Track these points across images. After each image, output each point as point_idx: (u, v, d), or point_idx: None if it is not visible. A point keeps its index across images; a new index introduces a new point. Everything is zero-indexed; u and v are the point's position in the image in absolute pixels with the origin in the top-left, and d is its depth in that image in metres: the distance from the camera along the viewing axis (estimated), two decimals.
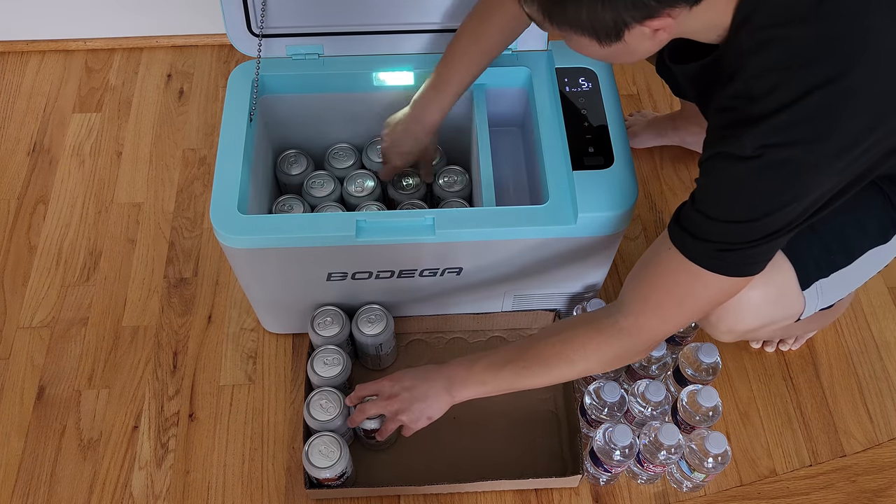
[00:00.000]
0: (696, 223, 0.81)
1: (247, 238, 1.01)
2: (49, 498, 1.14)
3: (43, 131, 1.54)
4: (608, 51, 0.76)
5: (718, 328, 0.99)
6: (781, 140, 0.74)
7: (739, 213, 0.79)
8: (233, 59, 1.64)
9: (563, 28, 0.75)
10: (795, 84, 0.73)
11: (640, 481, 1.15)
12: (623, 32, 0.72)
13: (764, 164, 0.75)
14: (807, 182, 0.76)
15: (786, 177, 0.75)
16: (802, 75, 0.73)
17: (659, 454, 1.05)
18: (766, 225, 0.79)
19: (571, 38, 0.76)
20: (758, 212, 0.78)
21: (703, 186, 0.81)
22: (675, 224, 0.84)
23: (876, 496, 1.15)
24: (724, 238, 0.80)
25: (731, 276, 0.82)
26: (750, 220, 0.78)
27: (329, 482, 1.06)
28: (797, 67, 0.73)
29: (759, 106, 0.74)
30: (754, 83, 0.75)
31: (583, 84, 1.15)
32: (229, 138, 1.09)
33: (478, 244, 1.05)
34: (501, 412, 1.20)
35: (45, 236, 1.39)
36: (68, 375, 1.24)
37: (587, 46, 0.77)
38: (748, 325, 0.98)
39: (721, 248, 0.81)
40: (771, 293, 0.95)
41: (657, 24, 0.72)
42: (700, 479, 1.10)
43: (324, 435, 1.05)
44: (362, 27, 1.16)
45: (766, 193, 0.77)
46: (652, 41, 0.76)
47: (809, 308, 0.99)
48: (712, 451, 1.04)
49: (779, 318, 1.00)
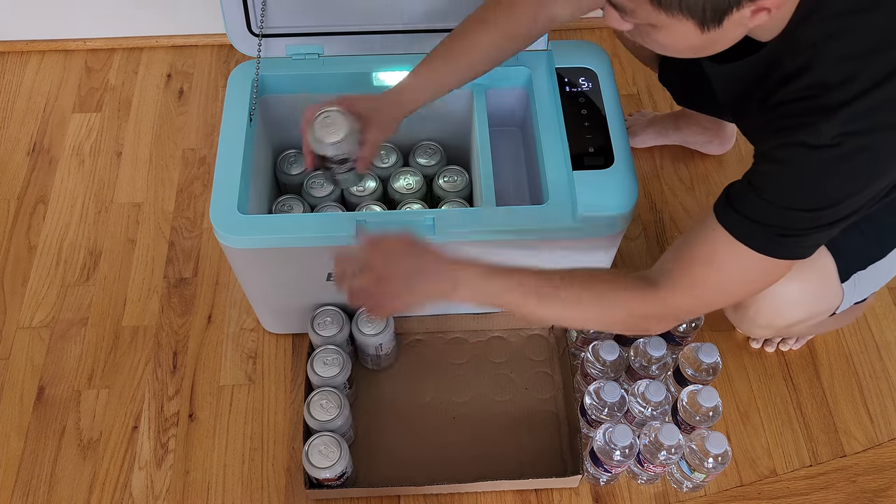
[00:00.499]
0: (755, 208, 0.78)
1: (247, 238, 1.01)
2: (49, 498, 1.14)
3: (43, 131, 1.54)
4: (704, 39, 0.73)
5: (757, 322, 0.98)
6: (860, 127, 0.72)
7: (811, 201, 0.77)
8: (233, 59, 1.64)
9: (670, 11, 0.70)
10: (872, 70, 0.72)
11: (640, 481, 1.15)
12: (728, 15, 0.70)
13: (842, 154, 0.73)
14: (882, 168, 0.75)
15: (862, 165, 0.74)
16: (879, 61, 0.72)
17: (659, 454, 1.05)
18: (834, 213, 0.77)
19: (669, 25, 0.72)
20: (828, 201, 0.76)
21: (769, 172, 0.78)
22: (727, 206, 0.81)
23: (876, 496, 1.15)
24: (784, 224, 0.78)
25: (782, 258, 0.80)
26: (819, 209, 0.77)
27: (329, 482, 1.06)
28: (872, 54, 0.72)
29: (837, 94, 0.73)
30: (829, 72, 0.74)
31: (583, 84, 1.15)
32: (229, 138, 1.09)
33: (478, 244, 1.05)
34: (501, 412, 1.20)
35: (45, 236, 1.39)
36: (68, 375, 1.24)
37: (683, 34, 0.73)
38: (788, 320, 0.97)
39: (780, 234, 0.79)
40: (811, 286, 0.94)
41: (769, 3, 0.69)
42: (700, 479, 1.10)
43: (324, 435, 1.05)
44: (362, 27, 1.16)
45: (840, 182, 0.75)
46: (742, 29, 0.74)
47: (847, 301, 0.98)
48: (712, 451, 1.04)
49: (818, 312, 0.99)
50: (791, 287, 0.93)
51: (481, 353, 1.26)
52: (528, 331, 1.27)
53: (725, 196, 0.82)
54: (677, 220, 1.43)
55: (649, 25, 0.74)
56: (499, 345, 1.27)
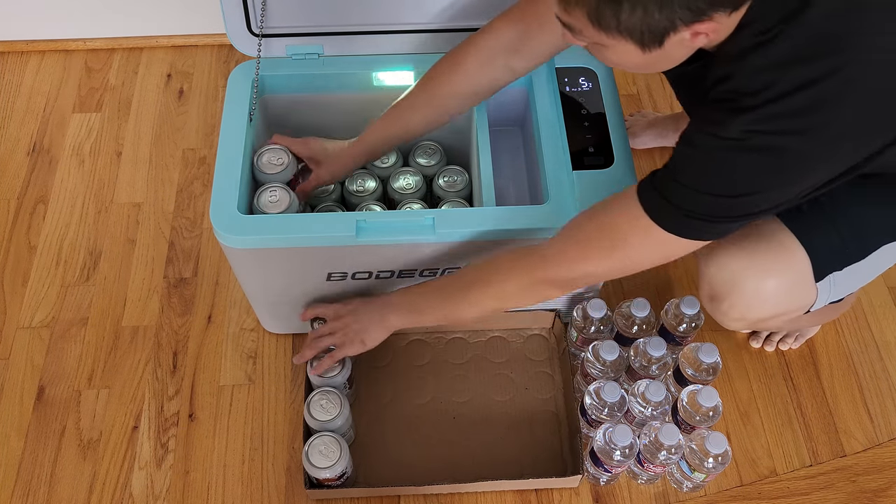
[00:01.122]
0: (667, 186, 0.83)
1: (247, 238, 1.01)
2: (49, 498, 1.14)
3: (43, 131, 1.54)
4: (647, 58, 0.78)
5: (730, 315, 1.00)
6: (765, 128, 0.77)
7: (717, 187, 0.81)
8: (233, 59, 1.64)
9: (610, 33, 0.75)
10: (789, 79, 0.75)
11: (640, 481, 1.15)
12: (667, 38, 0.74)
13: (745, 146, 0.78)
14: (790, 171, 0.79)
15: (763, 162, 0.78)
16: (796, 72, 0.75)
17: (659, 454, 1.05)
18: (739, 205, 0.82)
19: (613, 45, 0.77)
20: (732, 191, 0.80)
21: (683, 154, 0.84)
22: (649, 182, 0.86)
23: (876, 496, 1.15)
24: (693, 206, 0.82)
25: (685, 238, 0.85)
26: (723, 197, 0.81)
27: (329, 482, 1.06)
28: (790, 65, 0.75)
29: (749, 100, 0.77)
30: (750, 80, 0.78)
31: (583, 84, 1.15)
32: (229, 138, 1.09)
33: (478, 244, 1.05)
34: (501, 412, 1.20)
35: (45, 236, 1.39)
36: (68, 375, 1.24)
37: (627, 54, 0.78)
38: (760, 315, 0.99)
39: (687, 214, 0.83)
40: (785, 283, 0.96)
41: (703, 28, 0.74)
42: (700, 479, 1.10)
43: (324, 435, 1.05)
44: (362, 27, 1.16)
45: (743, 175, 0.80)
46: (686, 49, 0.79)
47: (821, 300, 1.00)
48: (713, 451, 1.04)
49: (791, 309, 1.00)
50: (765, 283, 0.95)
51: (481, 353, 1.26)
52: (528, 331, 1.27)
53: (650, 175, 0.86)
54: None
55: (597, 44, 0.79)
56: (499, 345, 1.27)
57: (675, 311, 1.17)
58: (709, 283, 0.99)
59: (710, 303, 1.02)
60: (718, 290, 0.98)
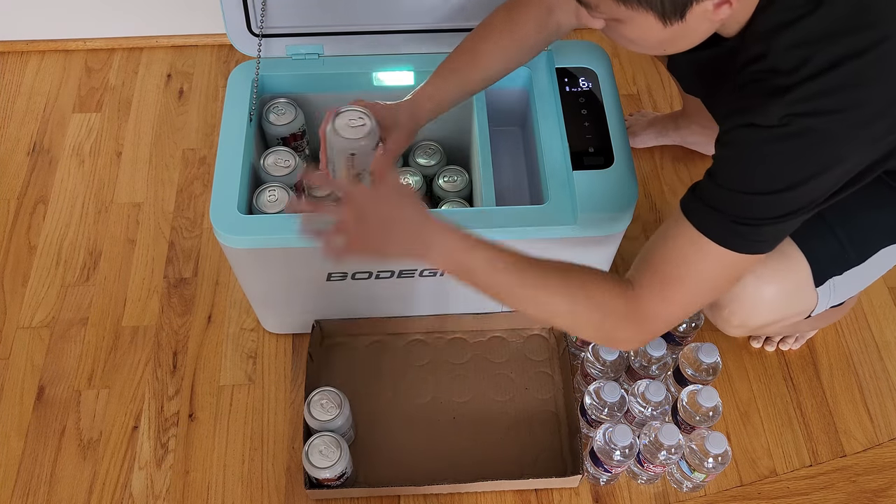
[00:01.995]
0: (711, 193, 0.79)
1: (247, 238, 1.01)
2: (49, 498, 1.14)
3: (43, 131, 1.54)
4: (667, 33, 0.75)
5: (731, 322, 0.99)
6: (808, 109, 0.73)
7: (759, 184, 0.77)
8: (233, 59, 1.64)
9: (629, 4, 0.72)
10: (824, 56, 0.72)
11: (640, 481, 1.15)
12: (689, 8, 0.72)
13: (788, 133, 0.73)
14: (831, 154, 0.75)
15: (810, 147, 0.74)
16: (831, 48, 0.73)
17: (659, 454, 1.05)
18: (785, 201, 0.77)
19: (631, 19, 0.74)
20: (778, 184, 0.76)
21: (722, 158, 0.79)
22: (690, 194, 0.81)
23: (876, 496, 1.15)
24: (738, 211, 0.78)
25: (739, 251, 0.79)
26: (769, 193, 0.76)
27: (329, 482, 1.06)
28: (826, 40, 0.73)
29: (788, 77, 0.74)
30: (783, 58, 0.75)
31: (583, 84, 1.15)
32: (229, 138, 1.09)
33: None
34: (501, 412, 1.20)
35: (45, 236, 1.39)
36: (68, 375, 1.24)
37: (646, 29, 0.74)
38: (761, 321, 0.99)
39: (734, 221, 0.78)
40: (785, 289, 0.96)
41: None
42: (700, 479, 1.10)
43: (324, 435, 1.05)
44: (362, 27, 1.16)
45: (788, 165, 0.75)
46: (708, 24, 0.75)
47: (821, 305, 0.99)
48: (712, 451, 1.04)
49: (791, 314, 1.00)
50: (765, 289, 0.95)
51: (481, 353, 1.26)
52: (528, 331, 1.27)
53: (692, 187, 0.83)
54: None
55: (615, 20, 0.76)
56: (499, 345, 1.27)
57: None
58: None
59: (711, 310, 1.01)
60: (719, 298, 0.98)
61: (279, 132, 1.18)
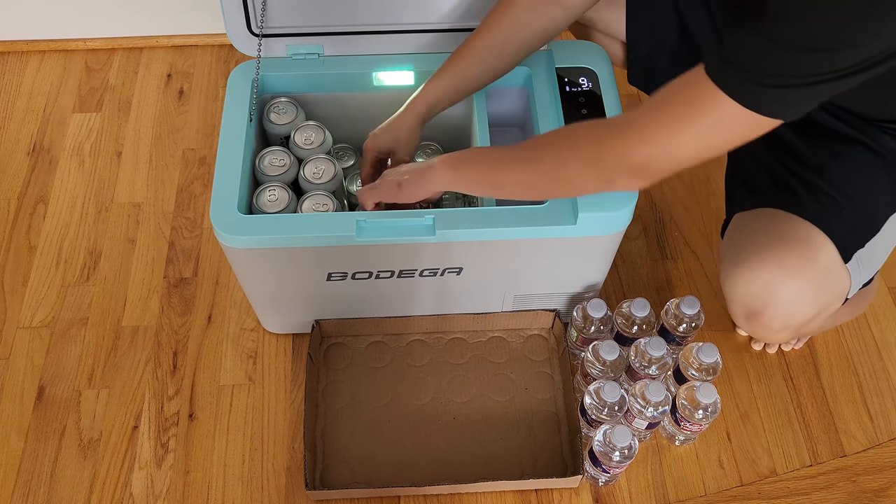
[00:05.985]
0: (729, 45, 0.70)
1: (247, 238, 1.01)
2: (49, 498, 1.14)
3: (43, 131, 1.54)
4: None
5: (772, 327, 0.97)
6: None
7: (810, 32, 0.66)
8: (233, 59, 1.64)
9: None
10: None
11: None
12: None
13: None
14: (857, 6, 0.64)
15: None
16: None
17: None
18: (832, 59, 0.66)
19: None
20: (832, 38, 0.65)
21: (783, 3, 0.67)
22: (719, 44, 0.72)
23: (876, 496, 1.15)
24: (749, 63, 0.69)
25: (753, 110, 0.70)
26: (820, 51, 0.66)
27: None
28: None
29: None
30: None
31: (583, 84, 1.15)
32: (229, 138, 1.09)
33: (478, 244, 1.05)
34: (501, 412, 1.20)
35: (45, 236, 1.39)
36: (68, 375, 1.24)
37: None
38: (803, 316, 0.96)
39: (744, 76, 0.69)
40: (817, 275, 0.93)
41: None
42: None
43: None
44: (362, 27, 1.16)
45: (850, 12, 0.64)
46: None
47: (854, 283, 0.97)
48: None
49: (829, 301, 0.97)
50: (797, 282, 0.92)
51: (481, 353, 1.26)
52: (528, 331, 1.27)
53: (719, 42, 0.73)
54: (677, 220, 1.43)
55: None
56: (499, 345, 1.27)
57: (675, 311, 1.17)
58: (741, 303, 0.97)
59: (749, 321, 0.99)
60: (753, 305, 0.96)
61: (280, 131, 1.18)
